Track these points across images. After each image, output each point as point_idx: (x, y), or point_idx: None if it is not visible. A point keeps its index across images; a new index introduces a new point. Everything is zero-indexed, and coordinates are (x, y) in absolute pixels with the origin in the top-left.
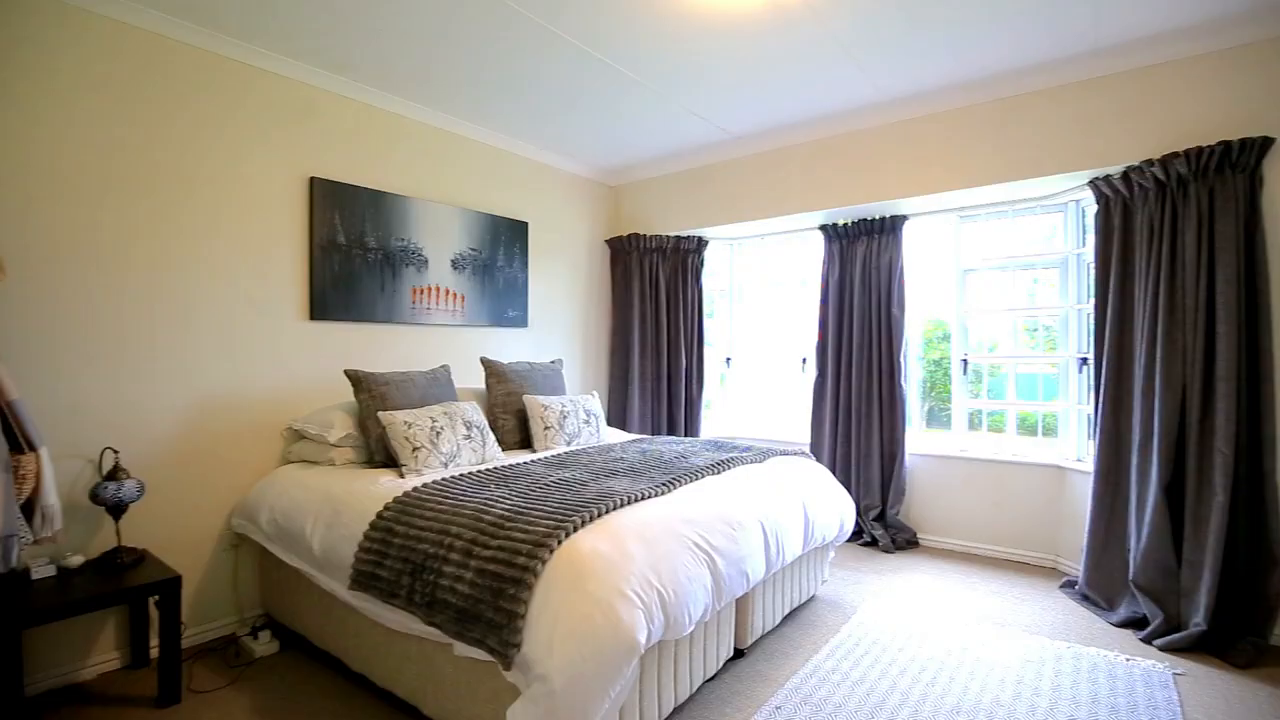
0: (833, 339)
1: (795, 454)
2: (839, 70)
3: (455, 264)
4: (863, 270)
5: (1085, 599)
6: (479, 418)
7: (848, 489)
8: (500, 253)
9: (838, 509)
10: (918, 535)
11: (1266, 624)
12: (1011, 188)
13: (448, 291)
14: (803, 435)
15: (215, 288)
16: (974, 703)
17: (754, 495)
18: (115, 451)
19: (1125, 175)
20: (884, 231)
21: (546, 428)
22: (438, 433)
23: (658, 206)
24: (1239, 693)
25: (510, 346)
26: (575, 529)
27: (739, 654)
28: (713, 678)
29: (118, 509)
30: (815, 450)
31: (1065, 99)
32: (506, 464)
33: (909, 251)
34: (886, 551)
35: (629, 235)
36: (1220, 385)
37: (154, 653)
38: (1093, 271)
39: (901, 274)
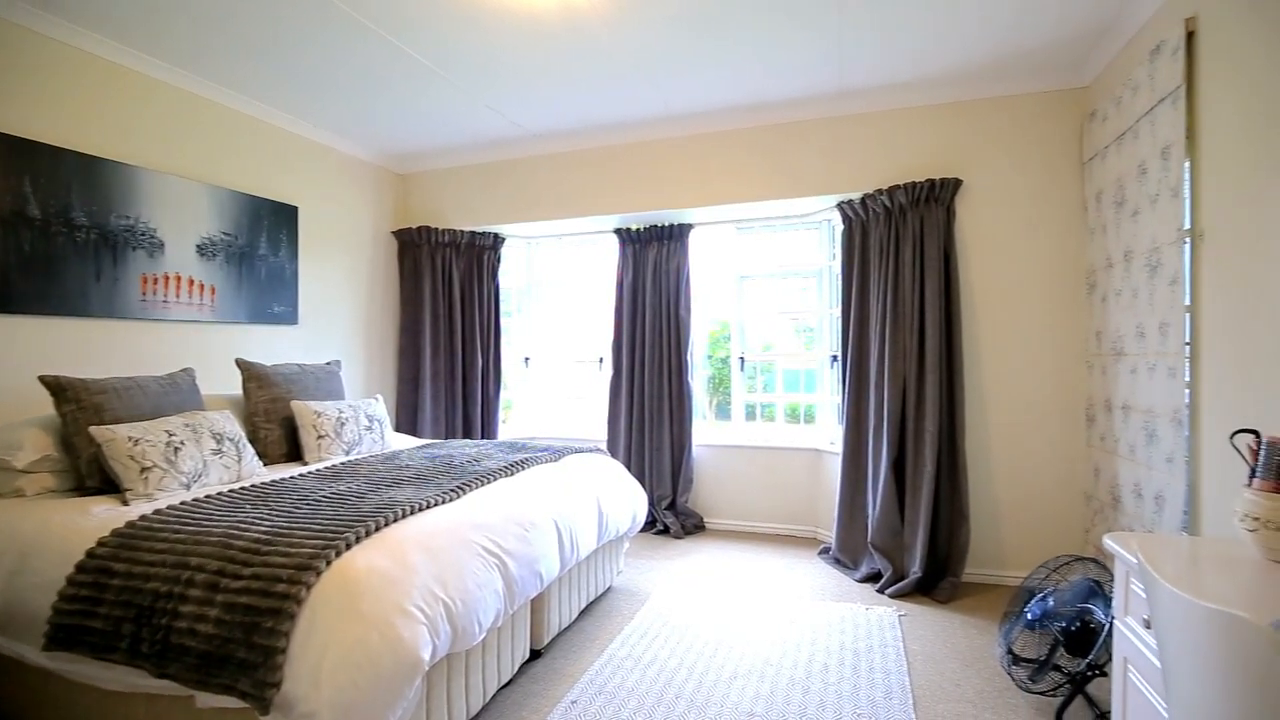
0: (627, 339)
1: (590, 451)
2: (631, 81)
3: (202, 250)
4: (654, 274)
5: (837, 561)
6: (233, 428)
7: (642, 481)
8: (263, 239)
9: (630, 502)
10: (705, 520)
11: (960, 566)
12: (778, 205)
13: (192, 282)
14: (601, 432)
15: None
16: (749, 667)
17: (548, 495)
18: None
19: (863, 201)
20: (673, 238)
21: (320, 437)
22: (176, 449)
23: (451, 199)
24: (942, 622)
25: (276, 346)
26: (348, 546)
27: (536, 654)
28: (509, 683)
29: None
30: (612, 445)
31: (819, 132)
32: (270, 480)
33: (695, 257)
34: (677, 537)
35: (419, 227)
36: (929, 378)
37: None
38: (840, 281)
39: (688, 278)
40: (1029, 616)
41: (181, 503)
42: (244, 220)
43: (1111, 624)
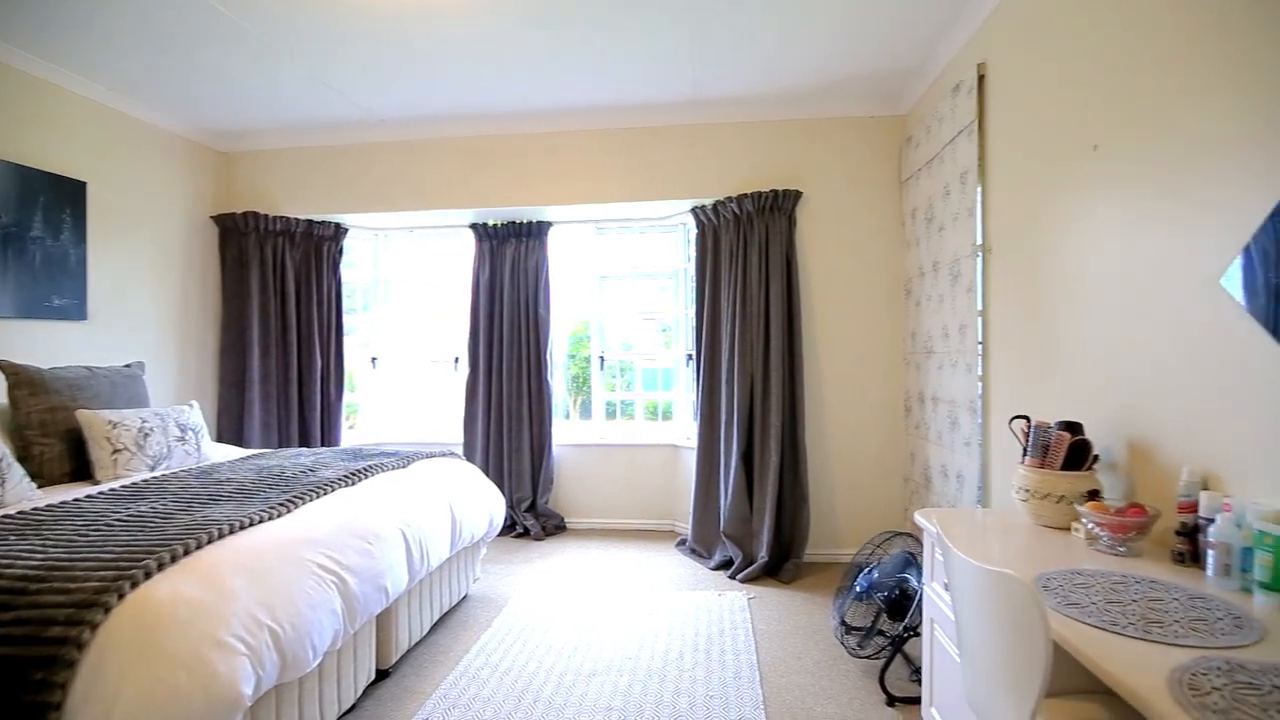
0: (484, 337)
1: (442, 455)
2: (486, 73)
3: None
4: (512, 271)
5: (693, 552)
6: None
7: (500, 483)
8: (37, 218)
9: (486, 506)
10: (566, 520)
11: (802, 548)
12: (636, 207)
13: None
14: (458, 435)
15: None
16: (608, 663)
17: (394, 503)
18: None
19: (715, 207)
20: (531, 235)
21: (117, 451)
22: None
23: (285, 183)
24: (786, 602)
25: (58, 346)
26: (148, 575)
27: (384, 674)
28: (352, 708)
29: None
30: (469, 448)
31: (675, 138)
32: (46, 505)
33: (555, 256)
34: (538, 539)
35: (245, 213)
36: (774, 375)
37: None
38: (694, 283)
39: (548, 277)
40: (858, 589)
41: None
42: (10, 195)
43: (922, 590)
